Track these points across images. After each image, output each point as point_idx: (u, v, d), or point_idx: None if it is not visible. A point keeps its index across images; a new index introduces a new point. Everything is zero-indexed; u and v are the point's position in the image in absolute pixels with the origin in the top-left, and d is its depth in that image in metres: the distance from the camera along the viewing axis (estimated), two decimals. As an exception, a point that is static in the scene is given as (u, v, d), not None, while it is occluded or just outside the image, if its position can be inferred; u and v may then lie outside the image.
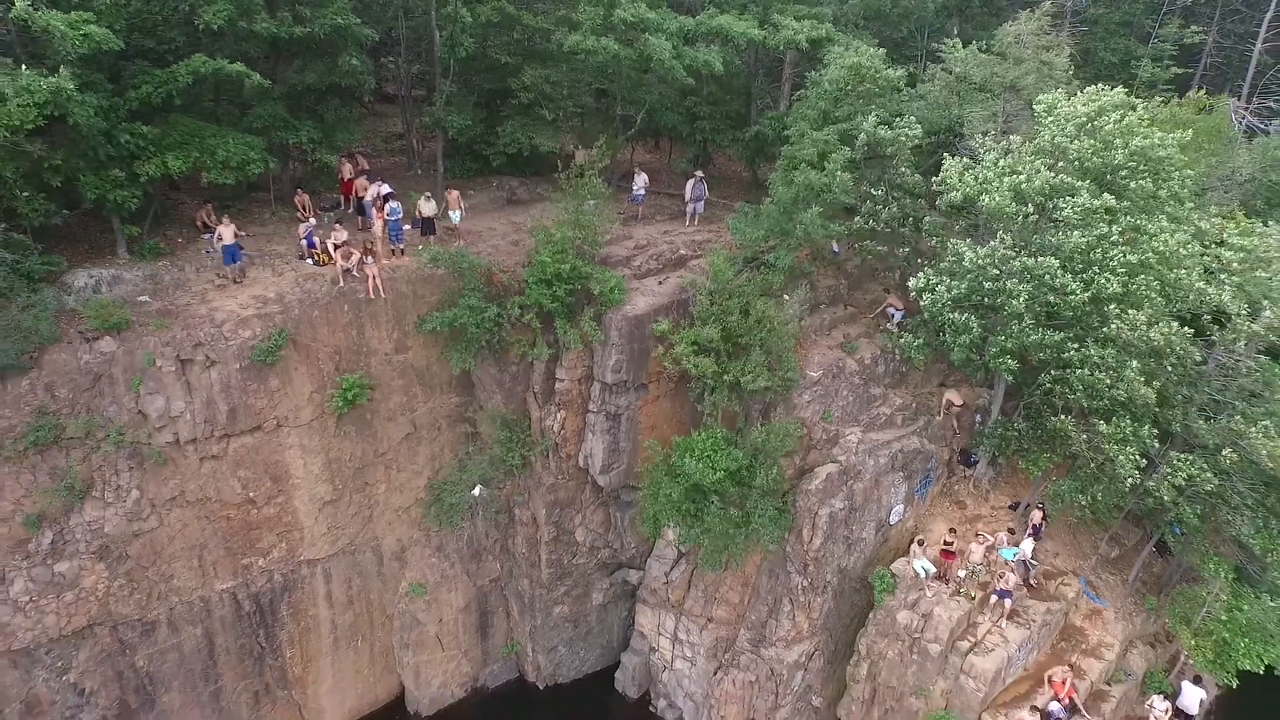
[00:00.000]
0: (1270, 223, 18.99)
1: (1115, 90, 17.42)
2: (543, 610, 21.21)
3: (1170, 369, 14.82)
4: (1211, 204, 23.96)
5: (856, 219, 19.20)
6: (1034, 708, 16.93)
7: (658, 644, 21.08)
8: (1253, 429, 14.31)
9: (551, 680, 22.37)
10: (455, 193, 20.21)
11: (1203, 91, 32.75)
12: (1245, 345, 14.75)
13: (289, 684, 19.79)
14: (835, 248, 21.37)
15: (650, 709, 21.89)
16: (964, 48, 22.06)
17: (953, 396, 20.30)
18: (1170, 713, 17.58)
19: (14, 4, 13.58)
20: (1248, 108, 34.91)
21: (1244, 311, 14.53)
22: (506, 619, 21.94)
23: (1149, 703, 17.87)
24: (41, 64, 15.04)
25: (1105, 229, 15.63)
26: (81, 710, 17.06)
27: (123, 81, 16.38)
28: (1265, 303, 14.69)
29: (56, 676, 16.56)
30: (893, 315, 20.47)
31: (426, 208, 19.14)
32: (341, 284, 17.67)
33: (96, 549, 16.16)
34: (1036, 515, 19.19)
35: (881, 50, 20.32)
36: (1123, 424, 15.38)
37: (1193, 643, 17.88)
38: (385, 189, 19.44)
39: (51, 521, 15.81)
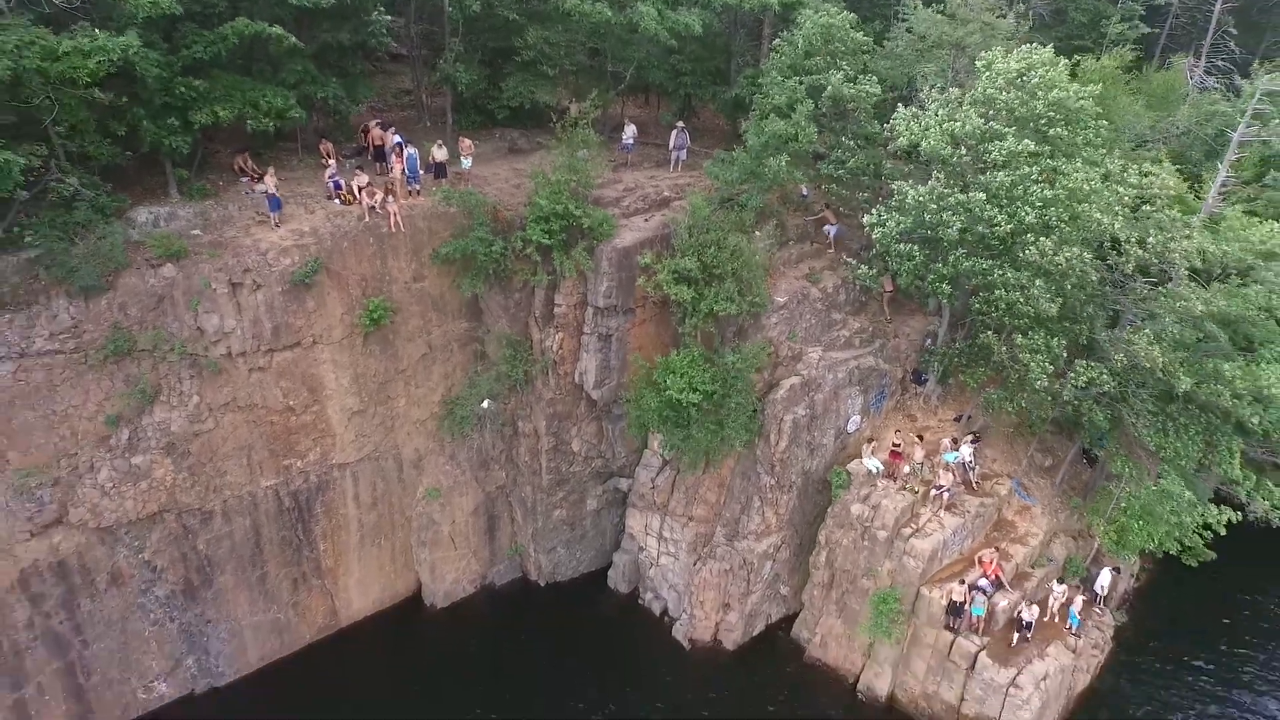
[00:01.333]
0: (1204, 173, 21.96)
1: (1046, 49, 20.29)
2: (543, 514, 24.58)
3: (1071, 288, 17.92)
4: (1152, 152, 27.03)
5: (822, 165, 22.18)
6: (963, 581, 20.38)
7: (645, 543, 24.50)
8: (1136, 336, 17.46)
9: (551, 579, 25.84)
10: (466, 141, 23.11)
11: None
12: (1133, 268, 17.87)
13: (322, 574, 23.19)
14: (805, 191, 24.38)
15: (639, 602, 25.38)
16: (922, 9, 24.90)
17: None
18: (1066, 595, 20.98)
19: None
20: (1201, 66, 37.57)
21: (1133, 239, 17.58)
22: (511, 523, 25.34)
23: (1049, 587, 21.25)
24: (108, 26, 17.89)
25: (1027, 169, 18.63)
26: (154, 584, 20.44)
27: (175, 41, 19.17)
28: (1152, 231, 17.75)
29: (134, 554, 19.90)
30: (829, 232, 23.52)
31: (439, 154, 22.07)
32: (367, 220, 20.66)
33: (164, 445, 19.38)
34: (976, 424, 22.49)
35: (852, 15, 23.14)
36: (1036, 337, 18.57)
37: (1102, 529, 21.28)
38: (398, 138, 22.40)
39: (127, 421, 18.99)
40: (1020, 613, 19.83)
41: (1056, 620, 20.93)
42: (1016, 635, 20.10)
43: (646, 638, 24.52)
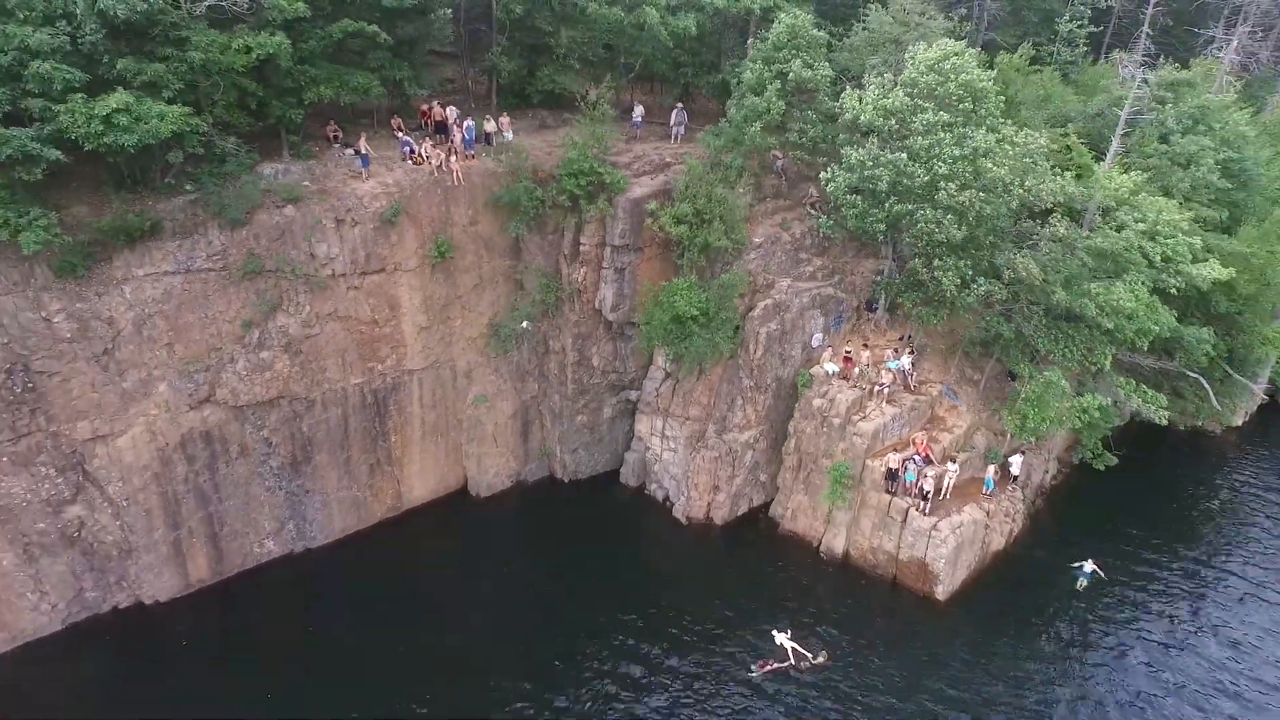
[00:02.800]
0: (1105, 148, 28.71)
1: (960, 43, 27.08)
2: (568, 419, 31.30)
3: (973, 220, 24.67)
4: (1070, 128, 33.90)
5: (788, 134, 28.97)
6: (896, 452, 27.04)
7: (650, 442, 31.20)
8: (1019, 257, 24.19)
9: (574, 476, 32.56)
10: (505, 118, 29.98)
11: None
12: (1017, 205, 24.63)
13: (392, 462, 29.89)
14: (779, 159, 31.14)
15: (645, 492, 32.09)
16: (876, 12, 31.80)
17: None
18: (958, 471, 27.43)
19: None
20: (1138, 59, 44.47)
21: (1016, 183, 24.33)
22: (541, 428, 32.05)
23: (948, 467, 27.64)
24: (244, 24, 24.66)
25: (941, 135, 25.39)
26: (269, 457, 27.12)
27: (294, 36, 25.95)
28: (1029, 178, 24.53)
29: (257, 430, 26.59)
30: (775, 164, 30.12)
31: (489, 126, 28.96)
32: (435, 176, 27.45)
33: (283, 345, 26.09)
34: (915, 342, 29.27)
35: (811, 16, 29.99)
36: (948, 260, 25.32)
37: (1008, 418, 27.93)
38: (457, 114, 29.24)
39: (257, 325, 25.68)
40: (923, 483, 26.44)
41: (948, 497, 27.53)
42: (923, 501, 26.69)
43: (652, 519, 31.23)
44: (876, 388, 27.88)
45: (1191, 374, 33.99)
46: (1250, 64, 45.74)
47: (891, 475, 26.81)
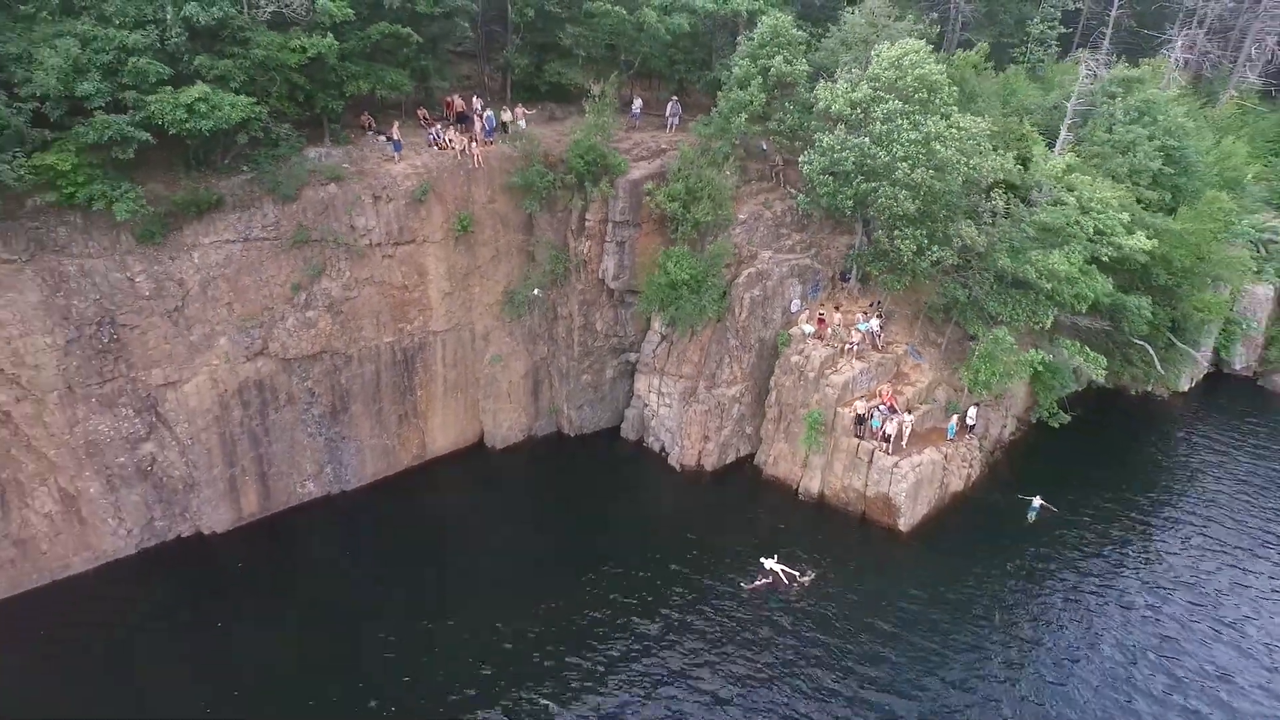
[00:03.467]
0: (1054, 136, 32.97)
1: (920, 41, 31.29)
2: (574, 379, 35.47)
3: (924, 195, 28.86)
4: (1027, 118, 38.11)
5: (770, 123, 33.19)
6: (864, 399, 31.19)
7: (648, 399, 35.36)
8: (964, 225, 28.39)
9: (579, 431, 36.71)
10: (519, 108, 34.22)
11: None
12: (963, 181, 28.85)
13: (418, 415, 34.05)
14: (764, 145, 35.36)
15: (644, 444, 36.25)
16: (849, 16, 36.06)
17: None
18: (913, 420, 31.53)
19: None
20: (1102, 58, 48.77)
21: (961, 162, 28.53)
22: (550, 387, 36.23)
23: (904, 417, 31.74)
24: (297, 26, 28.87)
25: (899, 122, 29.58)
26: (312, 406, 31.29)
27: (337, 36, 30.15)
28: (973, 158, 28.74)
29: (302, 381, 30.77)
30: (762, 149, 34.31)
31: (506, 116, 33.20)
32: (458, 159, 31.66)
33: (326, 305, 30.28)
34: (883, 307, 33.44)
35: (791, 18, 34.24)
36: (905, 230, 29.52)
37: (964, 374, 32.08)
38: (479, 103, 33.48)
39: (304, 288, 29.85)
40: (886, 429, 30.60)
41: (923, 431, 31.72)
42: (887, 444, 30.83)
43: (649, 468, 35.39)
44: (847, 346, 32.07)
45: (1138, 341, 38.34)
46: (1203, 63, 50.00)
47: (860, 420, 30.98)
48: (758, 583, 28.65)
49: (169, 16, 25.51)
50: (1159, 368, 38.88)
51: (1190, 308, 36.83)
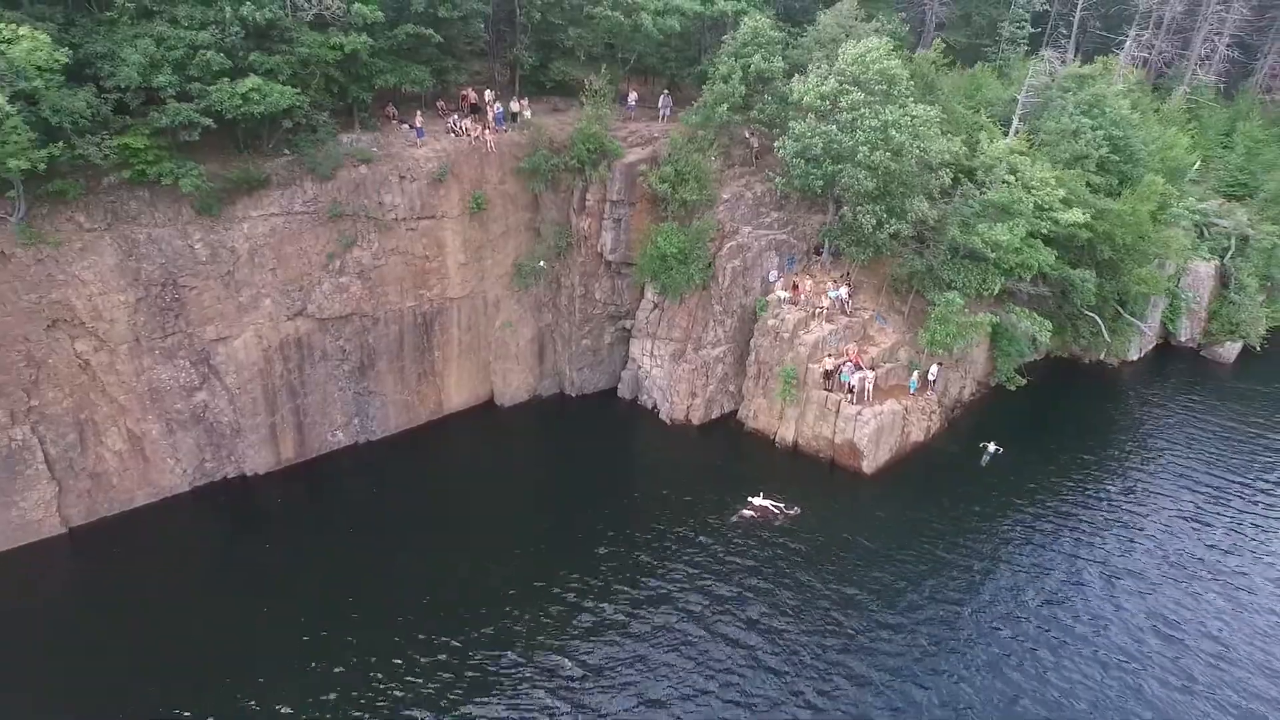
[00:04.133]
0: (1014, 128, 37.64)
1: (884, 40, 35.83)
2: (575, 343, 39.97)
3: (882, 175, 33.38)
4: (987, 111, 42.68)
5: (750, 113, 37.72)
6: (831, 356, 35.68)
7: (642, 361, 39.86)
8: (918, 201, 32.92)
9: (579, 391, 41.21)
10: (524, 100, 38.77)
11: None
12: (915, 162, 33.39)
13: (436, 374, 38.53)
14: (747, 134, 39.87)
15: (637, 403, 40.73)
16: (823, 17, 40.64)
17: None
18: (874, 377, 35.97)
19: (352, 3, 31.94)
20: (1067, 56, 53.28)
21: (914, 145, 33.05)
22: (553, 351, 40.73)
23: (865, 374, 36.18)
24: (335, 26, 33.39)
25: (862, 111, 34.09)
26: (343, 362, 35.76)
27: (368, 35, 34.68)
28: (926, 142, 33.25)
29: (335, 340, 35.25)
30: (746, 137, 39.00)
31: (515, 107, 37.74)
32: (473, 145, 36.18)
33: (357, 272, 34.77)
34: (852, 278, 37.98)
35: (770, 20, 38.82)
36: (866, 206, 34.05)
37: (922, 335, 36.56)
38: (492, 95, 38.05)
39: (337, 256, 34.33)
40: (854, 376, 35.09)
41: (885, 385, 36.25)
42: (852, 396, 35.31)
43: (642, 423, 39.89)
44: (818, 310, 36.57)
45: (1087, 312, 42.88)
46: (1158, 62, 54.58)
47: (828, 375, 35.45)
48: (744, 513, 33.07)
49: (228, 17, 30.08)
50: (1106, 337, 43.41)
51: (1131, 282, 41.30)
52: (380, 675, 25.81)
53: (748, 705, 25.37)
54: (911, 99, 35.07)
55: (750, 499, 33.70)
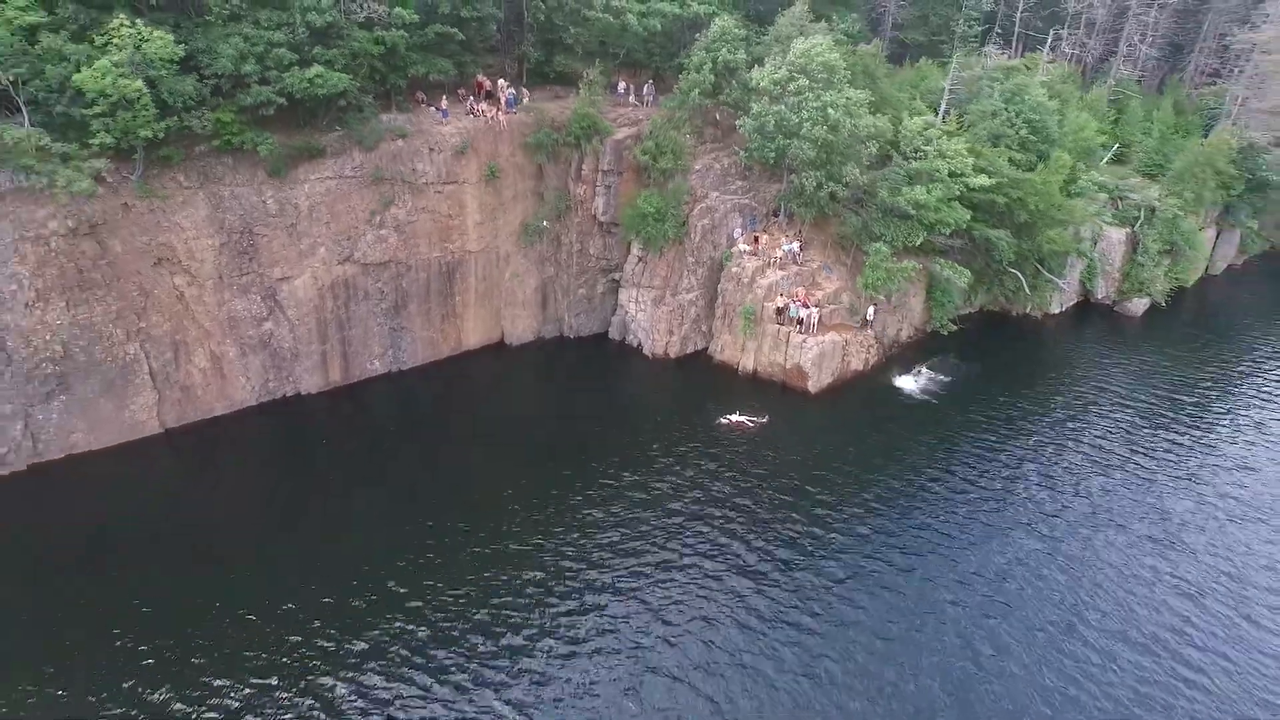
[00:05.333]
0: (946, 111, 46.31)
1: (825, 37, 44.40)
2: (573, 292, 48.50)
3: (820, 144, 41.92)
4: (926, 99, 51.27)
5: (719, 97, 46.33)
6: (784, 298, 44.15)
7: (629, 307, 48.37)
8: (850, 168, 41.49)
9: (576, 333, 49.72)
10: (525, 89, 47.44)
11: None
12: (849, 135, 41.94)
13: (456, 316, 47.04)
14: (717, 117, 48.47)
15: (625, 342, 49.21)
16: (782, 18, 49.33)
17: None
18: (818, 312, 44.48)
19: (400, 6, 40.65)
20: (1012, 53, 61.79)
21: (846, 121, 41.59)
22: (554, 300, 49.24)
23: (810, 310, 44.70)
24: (378, 25, 42.03)
25: (805, 95, 42.65)
26: (381, 303, 44.25)
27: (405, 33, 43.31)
28: (854, 118, 41.81)
29: (374, 283, 43.76)
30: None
31: (523, 95, 46.43)
32: (488, 124, 44.81)
33: (394, 227, 43.32)
34: (803, 235, 46.52)
35: (736, 20, 47.48)
36: (808, 171, 42.61)
37: (859, 280, 45.02)
38: (504, 84, 46.73)
39: (378, 213, 42.88)
40: (802, 312, 43.57)
41: (829, 322, 44.70)
42: (800, 328, 43.76)
43: (629, 359, 48.38)
44: (773, 260, 45.09)
45: (1010, 270, 51.37)
46: (1091, 58, 63.16)
47: (780, 312, 43.94)
48: (722, 420, 41.39)
49: (296, 21, 38.73)
50: (1028, 290, 51.89)
51: (1044, 241, 49.75)
52: (412, 543, 33.32)
53: (710, 554, 33.86)
54: (848, 84, 43.69)
55: (726, 417, 42.04)
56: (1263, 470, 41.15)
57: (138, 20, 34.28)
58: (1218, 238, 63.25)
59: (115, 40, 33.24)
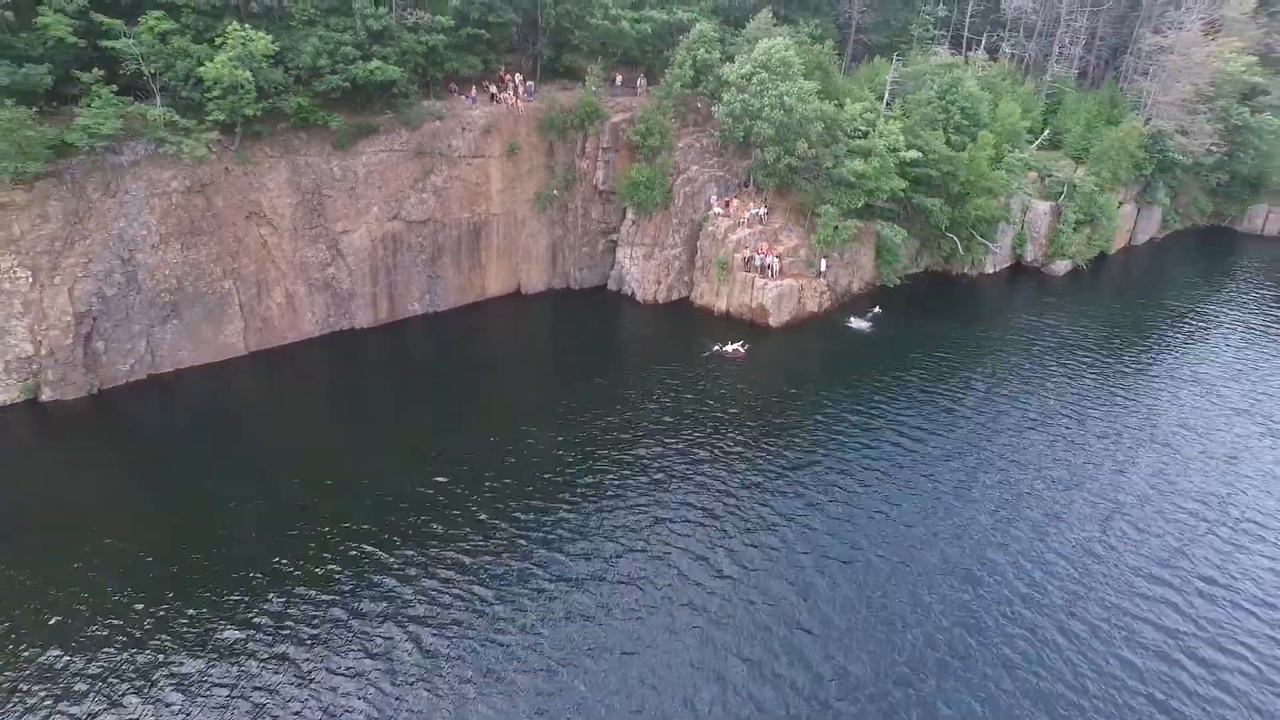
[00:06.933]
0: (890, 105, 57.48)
1: (785, 39, 55.45)
2: (578, 250, 59.50)
3: (779, 124, 52.82)
4: (866, 89, 62.40)
5: (699, 88, 57.42)
6: (748, 248, 54.99)
7: (625, 263, 59.28)
8: (801, 144, 52.42)
9: (580, 285, 60.65)
10: (533, 82, 58.63)
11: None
12: (800, 118, 52.84)
13: (481, 267, 58.05)
14: (697, 103, 59.54)
15: (621, 293, 60.07)
16: (750, 22, 60.49)
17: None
18: (780, 262, 55.35)
19: (444, 16, 52.00)
20: (953, 53, 72.65)
21: (798, 106, 52.48)
22: (562, 256, 60.19)
23: (776, 258, 55.59)
24: (422, 28, 53.27)
25: (766, 85, 53.64)
26: (420, 254, 55.24)
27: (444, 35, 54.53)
28: (804, 103, 52.70)
29: (416, 237, 54.72)
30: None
31: (533, 87, 57.65)
32: (509, 109, 55.94)
33: (432, 190, 54.37)
34: (769, 201, 57.50)
35: (713, 25, 58.66)
36: (769, 146, 53.58)
37: (813, 237, 55.81)
38: (520, 77, 57.93)
39: (419, 180, 53.92)
40: (765, 261, 54.41)
41: (788, 271, 55.53)
42: (763, 274, 54.60)
43: (625, 305, 59.24)
44: (741, 220, 56.00)
45: (948, 234, 62.21)
46: (1024, 56, 74.07)
47: (747, 262, 54.77)
48: (715, 349, 52.09)
49: (359, 26, 49.99)
50: (961, 252, 62.66)
51: (972, 208, 60.50)
52: (446, 446, 44.85)
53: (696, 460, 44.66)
54: (801, 77, 54.68)
55: (719, 346, 52.77)
56: (1141, 391, 51.73)
57: (245, 25, 45.64)
58: (1138, 213, 73.85)
59: (230, 40, 44.55)
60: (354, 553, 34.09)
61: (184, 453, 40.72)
